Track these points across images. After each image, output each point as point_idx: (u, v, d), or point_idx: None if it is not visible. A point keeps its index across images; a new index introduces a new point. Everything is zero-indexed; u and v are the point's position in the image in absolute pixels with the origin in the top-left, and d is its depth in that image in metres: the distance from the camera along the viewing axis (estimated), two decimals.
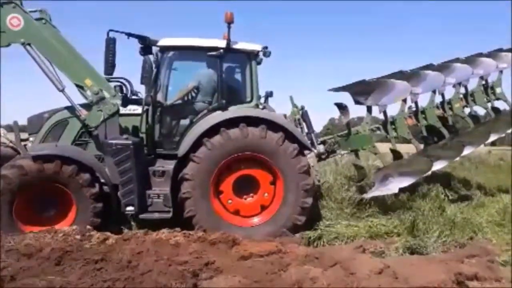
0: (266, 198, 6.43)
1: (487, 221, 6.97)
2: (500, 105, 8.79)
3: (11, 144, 6.73)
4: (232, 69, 7.14)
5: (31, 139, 6.65)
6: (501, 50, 8.48)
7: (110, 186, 6.12)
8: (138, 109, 6.62)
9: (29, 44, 6.10)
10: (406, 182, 7.39)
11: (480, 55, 8.32)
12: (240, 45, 6.62)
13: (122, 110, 6.51)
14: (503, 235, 6.27)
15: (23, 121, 6.92)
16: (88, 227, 5.74)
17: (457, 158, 8.33)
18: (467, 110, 8.55)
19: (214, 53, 6.45)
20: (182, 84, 6.85)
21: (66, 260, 4.54)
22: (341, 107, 7.63)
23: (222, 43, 6.47)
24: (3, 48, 6.12)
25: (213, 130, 6.14)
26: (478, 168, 14.93)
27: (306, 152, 6.71)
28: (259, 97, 6.91)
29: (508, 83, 9.16)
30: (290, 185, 6.30)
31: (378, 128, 7.97)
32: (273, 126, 6.25)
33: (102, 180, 6.07)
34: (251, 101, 6.79)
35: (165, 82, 6.73)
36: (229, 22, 6.23)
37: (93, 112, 6.34)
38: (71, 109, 6.56)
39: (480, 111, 8.83)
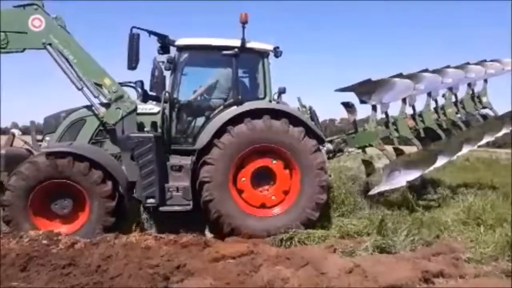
0: (272, 200, 6.56)
1: (453, 219, 7.17)
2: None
3: (25, 146, 6.81)
4: (246, 67, 7.34)
5: (47, 138, 6.75)
6: (485, 60, 8.96)
7: (125, 185, 6.16)
8: (153, 108, 6.87)
9: (49, 45, 6.22)
10: (413, 175, 7.81)
11: (468, 64, 8.76)
12: (253, 45, 6.84)
13: (138, 109, 6.64)
14: (467, 233, 6.46)
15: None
16: (56, 231, 5.63)
17: (455, 157, 8.71)
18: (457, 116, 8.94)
19: (229, 52, 6.66)
20: (199, 82, 7.17)
21: (32, 266, 4.42)
22: (348, 106, 8.02)
23: (237, 43, 6.70)
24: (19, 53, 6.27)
25: (234, 122, 6.31)
26: (445, 168, 15.39)
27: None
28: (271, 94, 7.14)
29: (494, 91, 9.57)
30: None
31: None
32: (294, 120, 6.45)
33: (115, 178, 6.08)
34: (264, 97, 7.03)
35: (182, 80, 6.92)
36: (244, 23, 6.50)
37: (111, 110, 6.47)
38: (89, 108, 6.68)
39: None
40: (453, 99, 8.84)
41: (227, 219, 6.23)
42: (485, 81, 8.98)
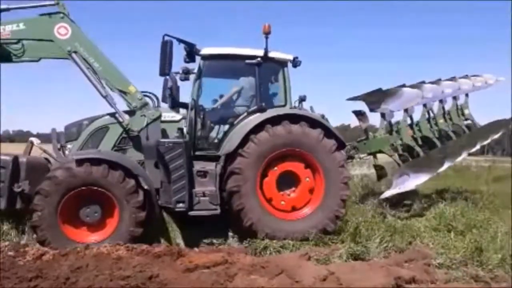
0: (280, 204, 6.75)
1: (425, 226, 7.34)
2: None
3: (44, 154, 6.78)
4: (267, 76, 7.47)
5: (69, 146, 6.74)
6: (467, 76, 9.43)
7: (154, 193, 6.23)
8: (175, 116, 7.06)
9: (75, 52, 6.24)
10: (422, 179, 8.23)
11: (454, 77, 9.21)
12: (274, 54, 7.12)
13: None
14: (438, 239, 6.60)
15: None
16: (23, 242, 5.45)
17: (453, 163, 9.10)
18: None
19: (252, 61, 6.93)
20: (222, 90, 7.51)
21: None
22: (360, 114, 8.48)
23: (259, 52, 6.98)
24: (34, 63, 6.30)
25: (258, 129, 6.56)
26: None
27: None
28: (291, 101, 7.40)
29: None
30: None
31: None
32: (312, 123, 6.73)
33: (146, 187, 6.05)
34: (285, 105, 7.28)
35: (206, 88, 7.09)
36: (267, 33, 6.78)
37: (136, 117, 6.49)
38: (111, 115, 6.71)
39: None
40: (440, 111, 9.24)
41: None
42: (466, 95, 9.43)
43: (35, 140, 6.90)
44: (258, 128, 6.55)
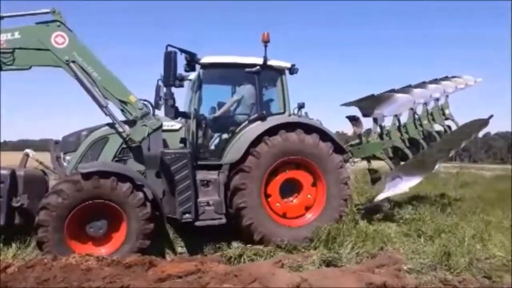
0: (275, 206, 6.91)
1: (395, 231, 7.47)
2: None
3: (40, 166, 6.70)
4: (265, 83, 7.61)
5: (67, 158, 6.62)
6: (447, 77, 9.71)
7: (159, 203, 6.11)
8: (175, 125, 6.97)
9: (73, 62, 6.11)
10: (414, 181, 8.38)
11: (436, 79, 9.52)
12: (272, 62, 7.26)
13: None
14: (409, 244, 6.74)
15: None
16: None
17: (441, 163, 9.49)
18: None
19: (252, 69, 7.02)
20: (222, 98, 7.60)
21: None
22: (354, 119, 8.63)
23: (259, 61, 7.11)
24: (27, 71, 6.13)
25: (263, 136, 6.71)
26: None
27: None
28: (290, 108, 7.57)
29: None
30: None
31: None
32: (313, 130, 6.96)
33: (151, 198, 5.97)
34: (284, 112, 7.43)
35: (206, 96, 7.18)
36: (266, 42, 6.91)
37: (137, 127, 6.39)
38: (111, 125, 6.59)
39: None
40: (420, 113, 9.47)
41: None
42: (447, 95, 9.66)
43: (31, 152, 6.72)
44: (267, 133, 6.70)
